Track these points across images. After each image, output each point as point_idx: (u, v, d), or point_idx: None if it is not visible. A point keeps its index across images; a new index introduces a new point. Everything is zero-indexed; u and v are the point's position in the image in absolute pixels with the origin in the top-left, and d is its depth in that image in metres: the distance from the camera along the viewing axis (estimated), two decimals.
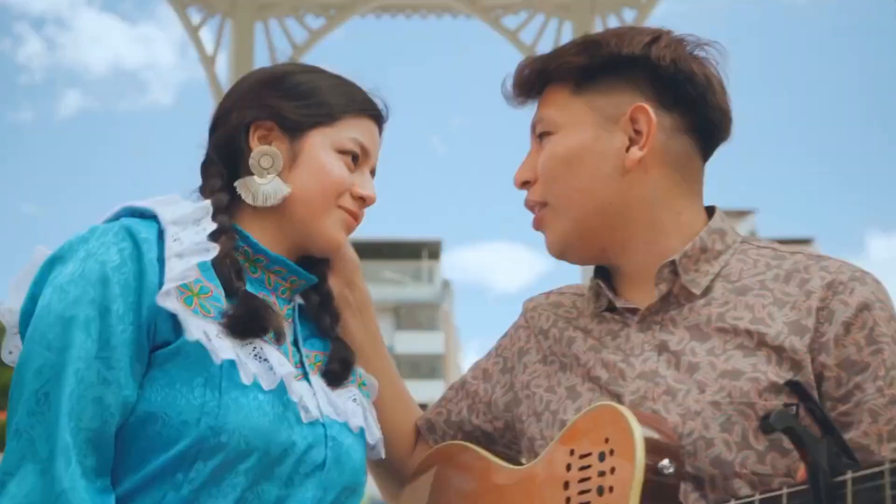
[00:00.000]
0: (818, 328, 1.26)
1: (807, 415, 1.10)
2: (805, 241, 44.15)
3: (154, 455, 1.22)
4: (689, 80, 1.36)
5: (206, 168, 1.45)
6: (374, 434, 1.45)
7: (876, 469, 0.95)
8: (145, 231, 1.29)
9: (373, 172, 1.49)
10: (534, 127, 1.44)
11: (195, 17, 7.13)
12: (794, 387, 1.12)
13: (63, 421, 1.17)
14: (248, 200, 1.39)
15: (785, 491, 1.05)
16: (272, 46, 7.18)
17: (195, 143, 1.46)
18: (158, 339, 1.25)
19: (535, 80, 1.43)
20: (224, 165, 1.43)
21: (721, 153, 1.45)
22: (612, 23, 7.28)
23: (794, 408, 1.19)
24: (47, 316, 1.22)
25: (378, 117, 1.49)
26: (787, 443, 1.19)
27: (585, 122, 1.37)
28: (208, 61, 7.13)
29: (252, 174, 1.40)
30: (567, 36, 7.31)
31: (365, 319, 1.57)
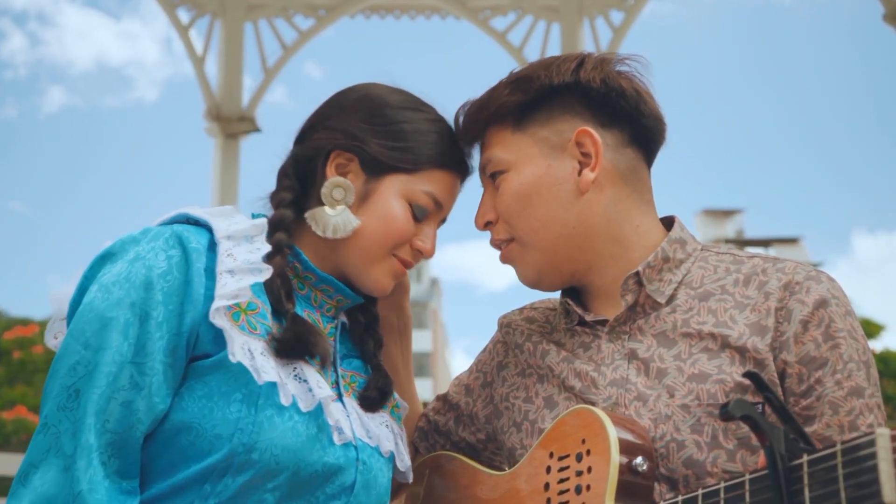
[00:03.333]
0: (778, 327, 1.31)
1: (772, 411, 1.15)
2: (792, 241, 44.31)
3: (185, 464, 1.24)
4: (621, 96, 1.42)
5: (281, 177, 1.45)
6: (405, 461, 1.47)
7: (829, 451, 1.01)
8: (196, 240, 1.29)
9: (444, 220, 1.49)
10: (483, 169, 1.48)
11: (184, 17, 7.13)
12: (751, 377, 1.18)
13: (89, 421, 1.18)
14: (318, 232, 1.39)
15: (747, 477, 1.11)
16: (262, 47, 7.20)
17: (181, 139, 1.47)
18: (199, 350, 1.27)
19: (473, 126, 1.47)
20: (298, 181, 1.43)
21: (709, 153, 1.51)
22: (600, 24, 7.31)
23: (760, 406, 1.25)
24: (89, 313, 1.23)
25: (465, 174, 1.49)
26: (755, 440, 1.24)
27: (534, 155, 1.42)
28: (198, 61, 7.13)
29: (322, 203, 1.40)
30: (555, 37, 7.33)
31: (403, 344, 1.63)
